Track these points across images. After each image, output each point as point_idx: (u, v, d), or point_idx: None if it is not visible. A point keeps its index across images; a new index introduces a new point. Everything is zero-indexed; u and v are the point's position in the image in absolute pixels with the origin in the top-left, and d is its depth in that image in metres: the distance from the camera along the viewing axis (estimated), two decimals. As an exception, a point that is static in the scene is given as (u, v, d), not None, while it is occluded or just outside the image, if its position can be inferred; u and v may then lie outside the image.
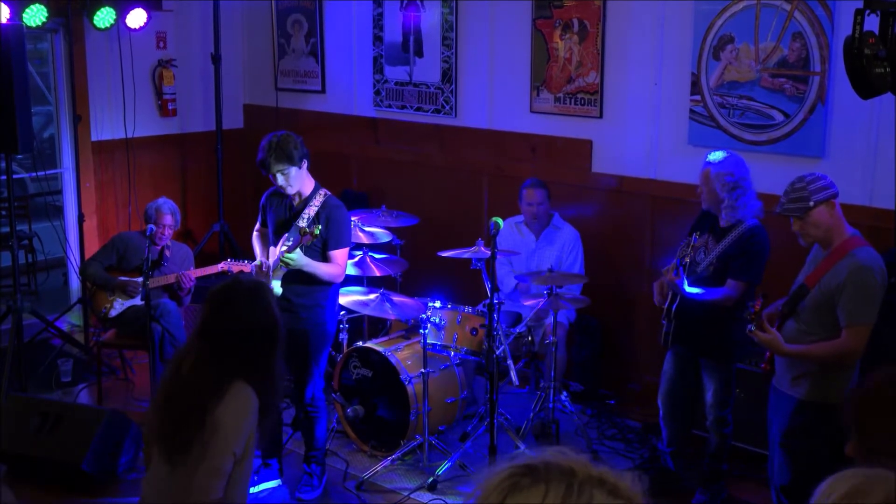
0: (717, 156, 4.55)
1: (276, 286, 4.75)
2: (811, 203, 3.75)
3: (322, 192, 4.81)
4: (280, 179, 4.70)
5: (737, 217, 4.48)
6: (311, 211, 4.74)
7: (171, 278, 5.81)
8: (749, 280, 4.47)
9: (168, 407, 3.17)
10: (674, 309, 4.59)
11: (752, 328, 3.87)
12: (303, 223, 4.72)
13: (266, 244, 4.98)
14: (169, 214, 5.99)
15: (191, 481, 3.04)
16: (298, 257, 4.61)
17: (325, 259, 4.73)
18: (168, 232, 5.99)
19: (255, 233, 5.11)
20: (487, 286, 4.74)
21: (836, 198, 3.80)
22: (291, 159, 4.64)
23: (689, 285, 4.51)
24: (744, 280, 4.46)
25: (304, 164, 4.73)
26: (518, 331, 5.36)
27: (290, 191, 4.74)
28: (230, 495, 3.09)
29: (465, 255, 5.13)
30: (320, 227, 4.56)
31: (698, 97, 5.50)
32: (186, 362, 3.21)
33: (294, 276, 4.70)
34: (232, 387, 3.08)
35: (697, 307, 4.51)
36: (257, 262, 4.91)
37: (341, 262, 4.79)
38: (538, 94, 6.21)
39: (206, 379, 3.12)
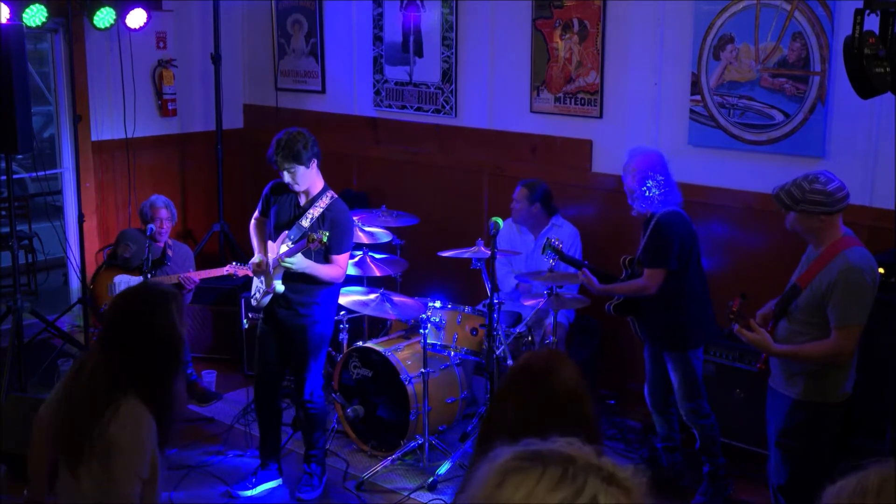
0: (631, 151, 4.81)
1: (279, 284, 4.75)
2: (797, 207, 3.75)
3: (329, 193, 4.81)
4: (287, 177, 4.70)
5: (647, 208, 4.66)
6: (315, 212, 4.74)
7: (174, 279, 5.80)
8: (661, 266, 4.62)
9: (63, 413, 3.01)
10: (613, 306, 4.86)
11: (737, 328, 3.88)
12: (306, 222, 4.72)
13: (264, 236, 4.97)
14: (163, 208, 6.00)
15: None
16: (298, 261, 4.61)
17: (326, 261, 4.73)
18: (167, 226, 5.99)
19: (253, 221, 5.08)
20: (487, 286, 4.74)
21: (830, 215, 3.72)
22: (299, 158, 4.64)
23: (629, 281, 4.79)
24: (654, 267, 4.64)
25: (314, 164, 4.72)
26: (518, 331, 5.36)
27: (298, 188, 4.74)
28: None
29: (465, 255, 5.13)
30: (327, 233, 4.55)
31: (698, 97, 5.50)
32: (86, 366, 3.01)
33: (294, 274, 4.70)
34: (125, 404, 2.87)
35: (642, 303, 4.74)
36: (256, 259, 4.91)
37: (342, 265, 4.80)
38: (538, 94, 6.21)
39: (98, 388, 2.93)
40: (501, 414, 2.18)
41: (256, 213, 5.06)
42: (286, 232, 4.78)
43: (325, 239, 4.51)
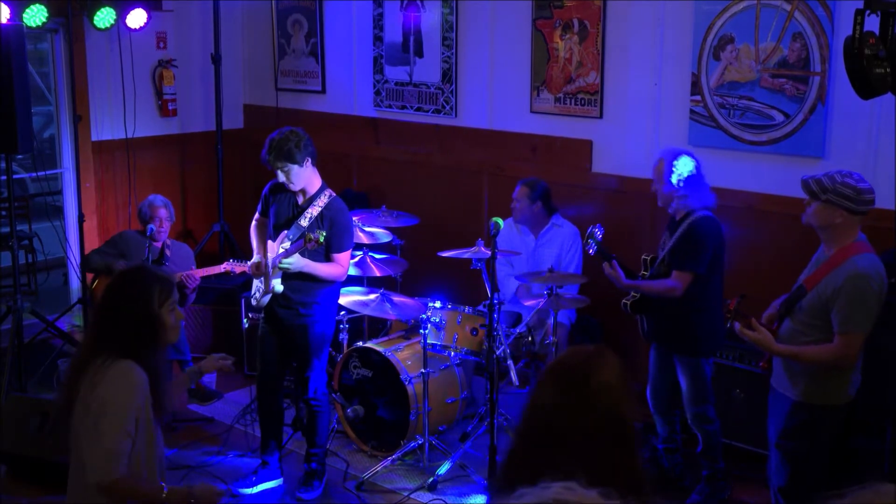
0: (667, 151, 4.72)
1: (277, 284, 4.75)
2: (820, 197, 3.74)
3: (327, 192, 4.81)
4: (281, 176, 4.70)
5: (686, 207, 4.59)
6: (314, 210, 4.74)
7: (175, 278, 5.79)
8: (691, 270, 4.55)
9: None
10: (629, 303, 4.77)
11: (739, 327, 3.88)
12: (304, 222, 4.72)
13: (264, 237, 4.97)
14: (163, 207, 5.99)
15: (86, 462, 3.07)
16: (295, 261, 4.61)
17: (327, 260, 4.74)
18: (166, 225, 5.98)
19: (253, 222, 5.08)
20: (487, 286, 4.74)
21: (854, 214, 3.72)
22: (291, 157, 4.64)
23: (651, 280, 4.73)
24: (685, 269, 4.55)
25: (308, 163, 4.71)
26: (518, 331, 5.36)
27: (294, 187, 4.75)
28: (135, 468, 3.09)
29: (465, 255, 5.13)
30: (324, 233, 4.55)
31: (698, 97, 5.50)
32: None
33: (294, 273, 4.71)
34: (115, 366, 3.07)
35: (659, 303, 4.65)
36: (255, 260, 4.91)
37: (344, 264, 4.80)
38: (538, 94, 6.21)
39: (84, 345, 3.25)
40: (538, 409, 2.10)
41: (257, 214, 5.06)
42: (285, 232, 4.78)
43: (321, 239, 4.51)
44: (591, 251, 4.89)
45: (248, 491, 4.97)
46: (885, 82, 3.20)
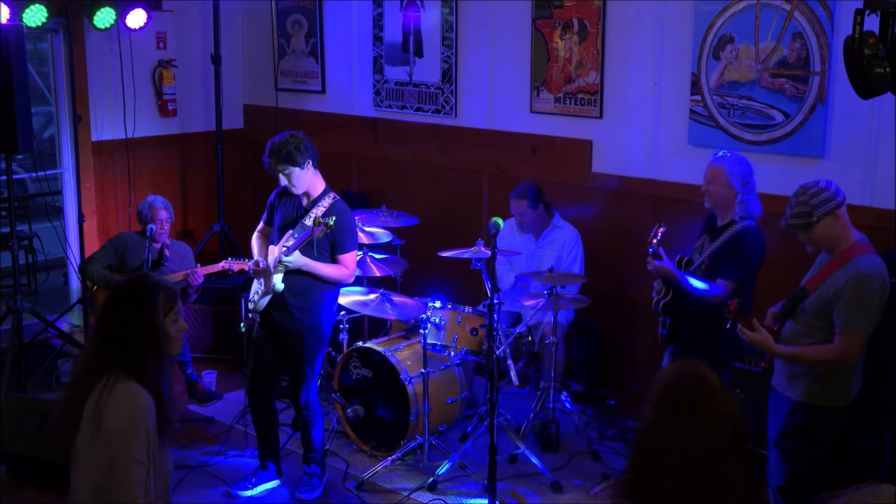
0: (727, 153, 4.52)
1: (278, 282, 4.74)
2: (814, 218, 3.72)
3: (331, 195, 4.82)
4: (283, 180, 4.72)
5: (741, 213, 4.44)
6: (318, 211, 4.75)
7: (179, 276, 5.78)
8: (738, 281, 4.41)
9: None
10: (662, 304, 4.62)
11: (739, 327, 3.87)
12: (309, 221, 4.72)
13: (266, 244, 4.97)
14: (163, 209, 5.99)
15: (101, 493, 2.95)
16: (296, 258, 4.61)
17: (332, 261, 4.74)
18: (166, 227, 5.99)
19: (256, 233, 5.09)
20: (487, 286, 4.74)
21: (842, 207, 3.74)
22: (292, 160, 4.65)
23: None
24: (732, 280, 4.42)
25: (309, 165, 4.72)
26: (518, 331, 5.36)
27: (296, 191, 4.76)
28: (149, 497, 2.99)
29: (465, 255, 5.13)
30: (334, 217, 4.55)
31: (698, 97, 5.50)
32: (86, 346, 3.21)
33: (295, 275, 4.70)
34: (119, 386, 2.95)
35: (687, 307, 4.52)
36: (254, 259, 4.91)
37: (350, 266, 4.80)
38: (538, 94, 6.21)
39: (86, 365, 3.10)
40: (651, 442, 2.06)
41: (260, 225, 5.06)
42: (289, 231, 4.79)
43: (331, 223, 4.50)
44: (650, 250, 4.71)
45: (248, 493, 4.96)
46: (885, 82, 3.19)
